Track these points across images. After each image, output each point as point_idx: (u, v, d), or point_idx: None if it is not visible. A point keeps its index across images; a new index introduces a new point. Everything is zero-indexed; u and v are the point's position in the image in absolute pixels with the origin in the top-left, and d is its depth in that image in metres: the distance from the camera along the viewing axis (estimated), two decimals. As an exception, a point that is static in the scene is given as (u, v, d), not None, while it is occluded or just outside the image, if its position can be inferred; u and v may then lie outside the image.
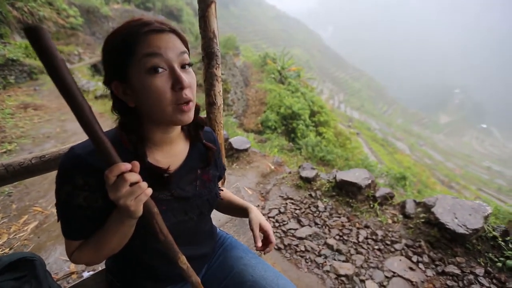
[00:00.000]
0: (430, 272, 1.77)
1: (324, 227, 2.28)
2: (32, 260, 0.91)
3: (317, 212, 2.47)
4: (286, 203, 2.62)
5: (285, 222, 2.34)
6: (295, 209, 2.54)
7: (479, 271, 1.70)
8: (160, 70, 0.54)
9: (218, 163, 0.87)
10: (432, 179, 16.64)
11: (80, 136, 4.05)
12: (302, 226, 2.30)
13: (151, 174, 0.61)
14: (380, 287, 1.69)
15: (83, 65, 9.88)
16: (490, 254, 1.76)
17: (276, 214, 2.46)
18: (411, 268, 1.80)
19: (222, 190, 0.95)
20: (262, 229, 0.90)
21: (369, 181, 2.50)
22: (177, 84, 0.56)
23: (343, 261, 1.90)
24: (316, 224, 2.32)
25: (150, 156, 0.64)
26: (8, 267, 0.86)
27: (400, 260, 1.88)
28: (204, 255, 0.89)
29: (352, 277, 1.76)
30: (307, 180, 2.86)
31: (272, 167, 3.43)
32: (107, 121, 5.13)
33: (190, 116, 0.61)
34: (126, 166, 0.49)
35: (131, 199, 0.50)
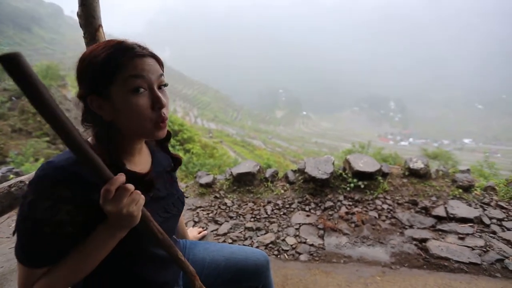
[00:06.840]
0: (318, 212, 2.45)
1: (238, 217, 2.57)
2: None
3: (228, 208, 2.72)
4: (198, 212, 2.71)
5: (205, 228, 2.44)
6: (208, 213, 2.67)
7: (341, 197, 2.55)
8: (141, 90, 0.61)
9: None
10: (287, 162, 20.74)
11: None
12: (221, 224, 2.49)
13: (132, 180, 0.63)
14: (295, 237, 2.18)
15: None
16: (342, 185, 2.67)
17: (193, 226, 2.50)
18: (307, 215, 2.42)
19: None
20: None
21: (258, 167, 3.02)
22: (156, 104, 0.64)
23: (264, 234, 2.27)
24: (231, 218, 2.57)
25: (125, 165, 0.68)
26: None
27: (299, 213, 2.47)
28: (180, 248, 0.97)
29: (276, 241, 2.16)
30: (208, 185, 3.05)
31: (168, 188, 3.35)
32: None
33: (165, 132, 0.69)
34: (123, 178, 0.55)
35: (133, 206, 0.57)
